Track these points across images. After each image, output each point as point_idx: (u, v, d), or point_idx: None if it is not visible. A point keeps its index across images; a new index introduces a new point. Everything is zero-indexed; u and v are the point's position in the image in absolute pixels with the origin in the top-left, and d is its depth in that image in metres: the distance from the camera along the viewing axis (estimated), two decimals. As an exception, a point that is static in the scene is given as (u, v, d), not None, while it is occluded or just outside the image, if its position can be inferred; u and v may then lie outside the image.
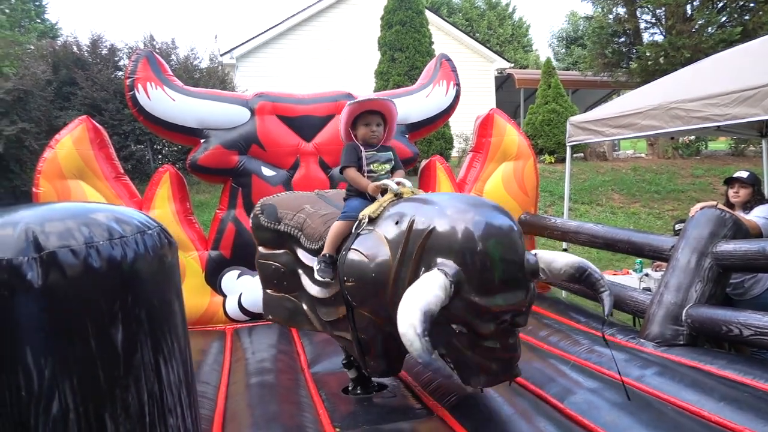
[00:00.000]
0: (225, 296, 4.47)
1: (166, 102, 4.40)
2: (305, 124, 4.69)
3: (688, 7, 12.69)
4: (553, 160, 12.79)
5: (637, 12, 13.61)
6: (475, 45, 17.27)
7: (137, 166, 9.81)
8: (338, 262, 2.41)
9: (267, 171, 4.61)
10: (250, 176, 4.55)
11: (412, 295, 1.81)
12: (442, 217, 2.01)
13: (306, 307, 2.94)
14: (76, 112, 8.88)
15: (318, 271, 2.58)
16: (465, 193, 2.11)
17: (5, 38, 10.97)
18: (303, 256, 2.84)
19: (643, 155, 15.39)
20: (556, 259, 2.11)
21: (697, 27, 12.32)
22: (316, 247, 2.69)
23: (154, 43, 11.32)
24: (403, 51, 11.77)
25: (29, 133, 8.36)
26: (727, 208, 3.56)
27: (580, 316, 4.08)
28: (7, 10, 17.95)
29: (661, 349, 3.17)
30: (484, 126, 5.17)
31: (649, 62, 12.32)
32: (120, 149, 9.69)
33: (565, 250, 6.17)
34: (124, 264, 0.70)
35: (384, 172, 2.63)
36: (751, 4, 12.14)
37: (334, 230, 2.54)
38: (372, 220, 2.36)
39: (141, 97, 4.36)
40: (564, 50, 29.41)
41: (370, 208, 2.42)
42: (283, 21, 15.41)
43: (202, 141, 4.51)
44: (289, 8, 17.20)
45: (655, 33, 13.79)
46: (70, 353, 0.64)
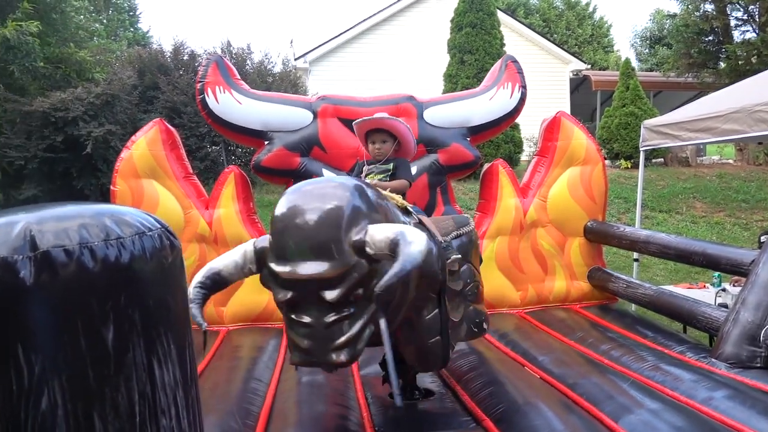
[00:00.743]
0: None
1: (232, 105, 4.55)
2: (366, 127, 4.71)
3: (785, 2, 11.78)
4: (629, 166, 12.21)
5: (727, 9, 12.77)
6: (550, 46, 16.80)
7: (211, 166, 10.23)
8: None
9: (328, 173, 4.65)
10: (310, 178, 4.61)
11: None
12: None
13: None
14: (158, 114, 9.39)
15: None
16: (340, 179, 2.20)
17: (98, 46, 11.80)
18: None
19: (730, 161, 14.41)
20: (375, 234, 1.88)
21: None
22: None
23: (231, 48, 11.78)
24: (473, 53, 11.62)
25: (115, 135, 8.91)
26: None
27: (647, 331, 3.86)
28: (105, 21, 19.28)
29: (734, 371, 2.93)
30: (550, 129, 5.00)
31: (740, 62, 11.54)
32: (196, 150, 10.16)
33: (636, 260, 5.87)
34: (119, 265, 0.72)
35: None
36: None
37: None
38: None
39: (210, 100, 4.53)
40: (647, 50, 28.03)
41: None
42: (354, 25, 15.64)
43: (266, 143, 4.63)
44: (362, 13, 17.43)
45: (747, 30, 12.88)
46: (60, 351, 0.66)
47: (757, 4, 11.94)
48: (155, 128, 4.51)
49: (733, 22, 13.07)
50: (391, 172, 2.98)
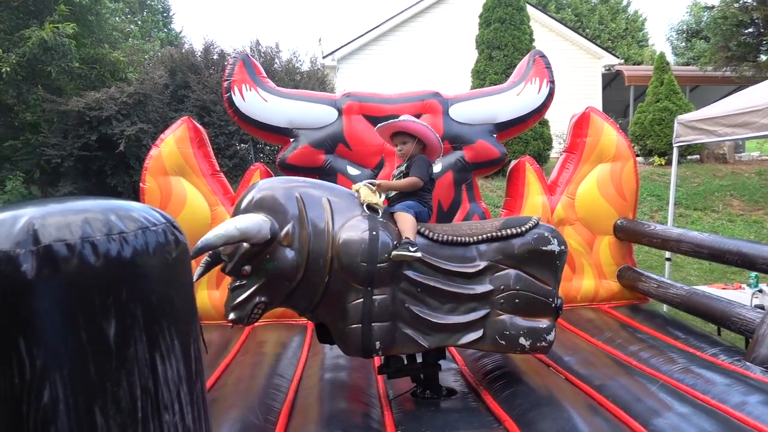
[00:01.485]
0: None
1: (258, 103, 4.58)
2: (391, 124, 4.69)
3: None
4: (663, 162, 11.89)
5: (769, -1, 12.31)
6: (581, 41, 16.47)
7: (240, 164, 10.34)
8: None
9: (352, 170, 4.66)
10: (335, 175, 4.63)
11: None
12: None
13: None
14: (189, 113, 9.54)
15: None
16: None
17: (131, 47, 12.05)
18: None
19: (771, 158, 13.91)
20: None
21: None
22: None
23: (260, 47, 11.87)
24: (501, 49, 11.47)
25: (147, 133, 9.08)
26: None
27: (679, 332, 3.75)
28: (139, 22, 19.69)
29: (769, 375, 2.83)
30: (579, 125, 4.90)
31: (781, 54, 11.11)
32: (226, 148, 10.28)
33: (668, 260, 5.71)
34: (121, 259, 0.72)
35: None
36: None
37: None
38: None
39: (236, 98, 4.57)
40: (684, 44, 27.22)
41: None
42: (383, 23, 15.61)
43: (291, 140, 4.65)
44: (390, 10, 17.40)
45: (790, 21, 12.38)
46: (61, 345, 0.67)
47: (800, -6, 11.50)
48: (183, 126, 4.58)
49: (774, 13, 12.59)
50: (404, 172, 3.04)
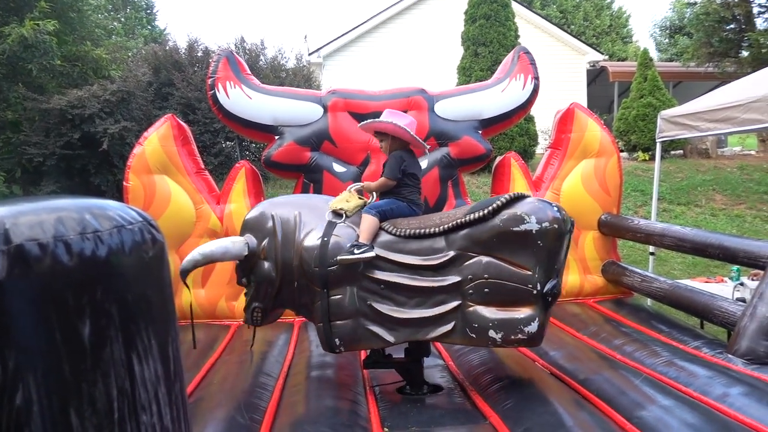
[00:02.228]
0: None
1: (243, 100, 4.55)
2: (376, 121, 4.68)
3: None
4: (647, 158, 12.00)
5: (750, -5, 12.47)
6: (566, 37, 16.55)
7: (225, 162, 10.26)
8: None
9: (338, 167, 4.65)
10: (321, 172, 4.61)
11: None
12: None
13: None
14: (173, 111, 9.44)
15: None
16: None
17: (114, 44, 11.89)
18: None
19: (752, 152, 14.09)
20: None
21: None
22: None
23: (245, 44, 11.79)
24: (487, 45, 11.49)
25: (131, 131, 8.97)
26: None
27: (662, 326, 3.79)
28: (123, 19, 19.45)
29: (751, 368, 2.86)
30: (564, 121, 4.93)
31: (763, 50, 11.26)
32: (211, 145, 10.20)
33: (652, 254, 5.76)
34: (96, 259, 0.71)
35: None
36: None
37: None
38: None
39: (221, 95, 4.54)
40: (667, 40, 27.46)
41: None
42: (369, 19, 15.57)
43: (276, 137, 4.63)
44: (375, 7, 17.37)
45: (771, 17, 12.55)
46: (35, 346, 0.66)
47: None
48: (167, 124, 4.53)
49: (756, 9, 12.73)
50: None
